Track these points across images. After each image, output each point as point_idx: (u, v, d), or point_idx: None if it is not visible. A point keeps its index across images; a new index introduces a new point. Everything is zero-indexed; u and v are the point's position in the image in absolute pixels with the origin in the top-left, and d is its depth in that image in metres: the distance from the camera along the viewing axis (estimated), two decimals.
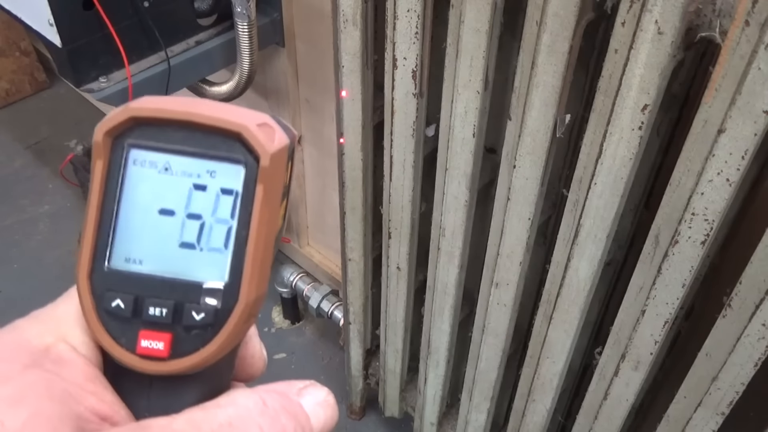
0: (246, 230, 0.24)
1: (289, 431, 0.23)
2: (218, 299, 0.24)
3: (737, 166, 0.56)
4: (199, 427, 0.22)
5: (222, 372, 0.26)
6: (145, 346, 0.24)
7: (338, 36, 0.82)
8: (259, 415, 0.23)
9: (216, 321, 0.24)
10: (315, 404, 0.25)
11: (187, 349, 0.24)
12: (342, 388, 1.42)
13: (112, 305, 0.24)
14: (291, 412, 0.24)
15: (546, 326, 0.84)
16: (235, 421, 0.22)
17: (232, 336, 0.24)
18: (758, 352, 0.64)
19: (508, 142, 0.74)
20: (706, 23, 0.54)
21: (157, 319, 0.24)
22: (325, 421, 0.25)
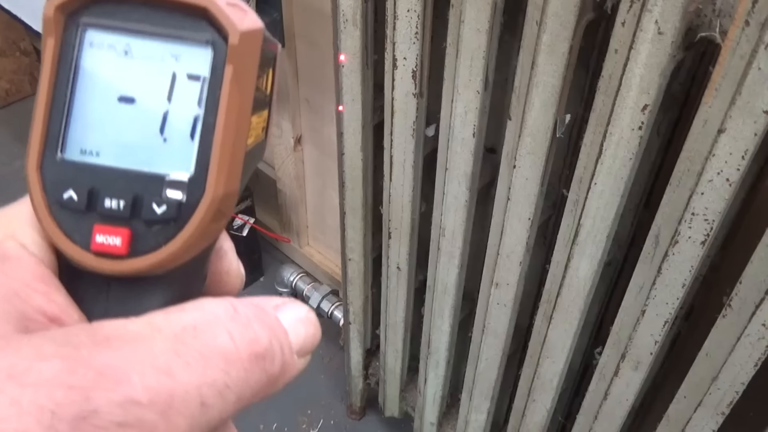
0: (213, 118, 0.21)
1: (262, 341, 0.21)
2: (182, 192, 0.21)
3: (737, 166, 0.56)
4: (158, 329, 0.20)
5: (189, 279, 0.23)
6: (101, 242, 0.21)
7: (338, 36, 0.82)
8: (228, 321, 0.20)
9: (179, 216, 0.21)
10: (295, 319, 0.23)
11: (147, 247, 0.21)
12: (342, 388, 1.42)
13: (64, 197, 0.22)
14: (266, 323, 0.21)
15: (546, 326, 0.84)
16: (201, 325, 0.20)
17: (197, 234, 0.22)
18: (758, 352, 0.64)
19: (508, 142, 0.74)
20: (706, 23, 0.54)
21: (114, 212, 0.21)
22: (305, 338, 0.23)
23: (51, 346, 0.18)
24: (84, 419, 0.17)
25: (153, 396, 0.18)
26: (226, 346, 0.20)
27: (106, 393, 0.18)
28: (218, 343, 0.20)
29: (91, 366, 0.18)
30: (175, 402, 0.19)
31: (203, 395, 0.19)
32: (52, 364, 0.18)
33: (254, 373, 0.20)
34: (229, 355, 0.20)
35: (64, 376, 0.18)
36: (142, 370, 0.18)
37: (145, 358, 0.19)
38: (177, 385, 0.19)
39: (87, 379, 0.18)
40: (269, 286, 1.55)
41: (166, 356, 0.19)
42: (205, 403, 0.19)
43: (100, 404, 0.17)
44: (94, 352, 0.18)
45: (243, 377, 0.20)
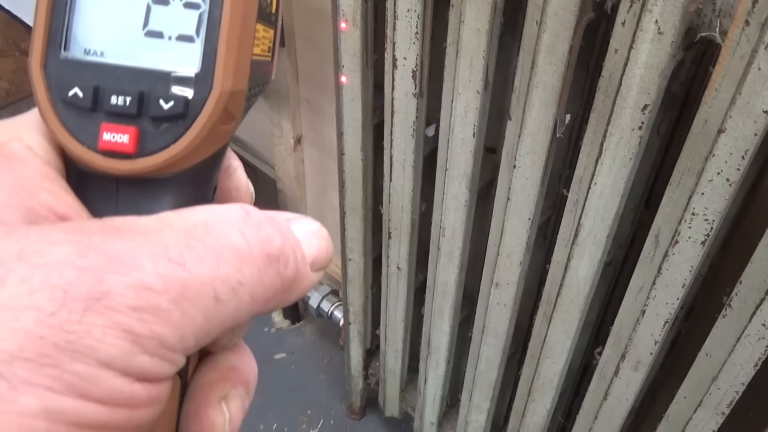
0: (219, 13, 0.21)
1: (275, 243, 0.20)
2: (189, 88, 0.21)
3: (737, 166, 0.56)
4: (170, 224, 0.19)
5: (199, 186, 0.23)
6: (108, 140, 0.21)
7: (338, 36, 0.82)
8: (240, 222, 0.20)
9: (187, 112, 0.21)
10: (307, 231, 0.22)
11: (155, 146, 0.21)
12: (342, 388, 1.42)
13: (69, 95, 0.21)
14: (278, 228, 0.21)
15: (546, 326, 0.84)
16: (213, 222, 0.20)
17: (205, 132, 0.21)
18: (758, 352, 0.64)
19: (508, 142, 0.74)
20: (706, 23, 0.54)
21: (121, 109, 0.21)
22: (318, 251, 0.22)
23: (60, 234, 0.18)
24: (97, 300, 0.17)
25: (166, 284, 0.18)
26: (239, 244, 0.20)
27: (118, 276, 0.17)
28: (231, 241, 0.19)
29: (102, 251, 0.18)
30: (188, 293, 0.18)
31: (217, 290, 0.19)
32: (63, 248, 0.17)
33: (268, 273, 0.20)
34: (242, 253, 0.20)
35: (75, 259, 0.17)
36: (155, 259, 0.18)
37: (157, 248, 0.18)
38: (190, 276, 0.18)
39: (98, 263, 0.17)
40: None
41: (178, 248, 0.19)
42: (218, 298, 0.19)
43: (112, 286, 0.17)
44: (105, 240, 0.18)
45: (257, 276, 0.20)
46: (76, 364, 0.17)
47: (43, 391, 0.16)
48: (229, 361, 0.24)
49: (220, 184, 0.25)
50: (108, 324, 0.17)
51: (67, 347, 0.17)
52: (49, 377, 0.16)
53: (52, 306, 0.17)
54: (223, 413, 0.23)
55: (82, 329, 0.17)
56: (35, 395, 0.16)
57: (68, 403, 0.17)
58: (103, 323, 0.17)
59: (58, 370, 0.17)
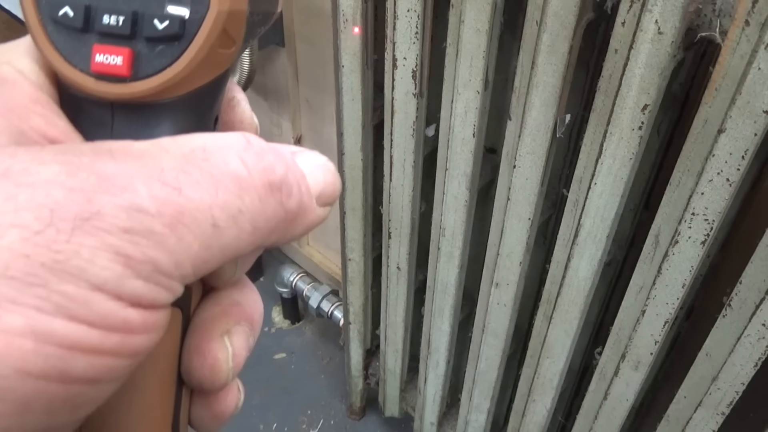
0: None
1: (278, 171, 0.19)
2: (185, 7, 0.20)
3: (737, 166, 0.56)
4: (166, 149, 0.18)
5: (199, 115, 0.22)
6: (101, 62, 0.20)
7: (338, 36, 0.82)
8: (241, 149, 0.19)
9: (183, 33, 0.20)
10: (313, 164, 0.21)
11: (150, 69, 0.20)
12: (342, 388, 1.42)
13: (59, 14, 0.20)
14: (281, 158, 0.20)
15: (546, 326, 0.84)
16: (211, 148, 0.19)
17: (202, 55, 0.20)
18: (758, 352, 0.64)
19: (508, 142, 0.74)
20: (706, 23, 0.54)
21: (114, 29, 0.20)
22: (324, 184, 0.21)
23: (49, 154, 0.17)
24: (86, 220, 0.16)
25: (160, 207, 0.17)
26: (239, 171, 0.19)
27: (109, 197, 0.17)
28: (230, 168, 0.19)
29: (93, 171, 0.17)
30: (184, 218, 0.17)
31: (215, 216, 0.18)
32: (51, 168, 0.17)
33: (269, 203, 0.19)
34: (242, 180, 0.19)
35: (64, 179, 0.16)
36: (149, 182, 0.17)
37: (151, 171, 0.17)
38: (186, 201, 0.17)
39: (88, 183, 0.17)
40: (269, 286, 1.55)
41: (174, 172, 0.18)
42: (217, 225, 0.18)
43: (103, 207, 0.16)
44: (96, 161, 0.17)
45: (258, 205, 0.19)
46: (65, 285, 0.16)
47: (30, 311, 0.16)
48: (233, 296, 0.23)
49: (223, 117, 0.24)
50: (98, 245, 0.16)
51: (54, 267, 0.16)
52: (36, 297, 0.16)
53: (38, 224, 0.16)
54: (226, 348, 0.22)
55: (70, 249, 0.16)
56: (21, 314, 0.16)
57: (57, 324, 0.16)
58: (93, 244, 0.16)
59: (45, 290, 0.16)
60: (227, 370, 0.22)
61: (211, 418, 0.24)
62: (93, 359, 0.17)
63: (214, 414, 0.24)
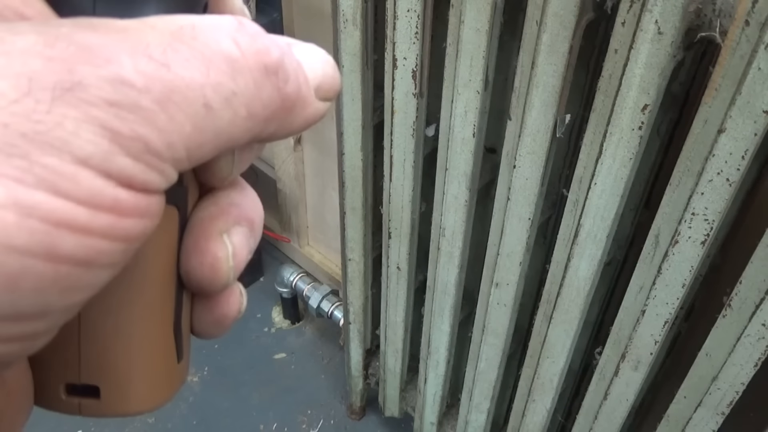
0: None
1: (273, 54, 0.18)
2: None
3: (737, 166, 0.56)
4: (152, 25, 0.17)
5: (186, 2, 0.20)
6: None
7: (338, 36, 0.82)
8: (233, 30, 0.18)
9: None
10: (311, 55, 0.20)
11: None
12: (342, 388, 1.42)
13: None
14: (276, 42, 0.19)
15: (546, 326, 0.84)
16: (201, 26, 0.17)
17: None
18: (758, 352, 0.64)
19: (508, 142, 0.74)
20: (706, 23, 0.54)
21: None
22: (324, 76, 0.20)
23: (26, 26, 0.16)
24: (68, 90, 0.15)
25: (148, 82, 0.16)
26: (231, 52, 0.17)
27: (92, 68, 0.15)
28: (222, 47, 0.17)
29: (73, 41, 0.16)
30: (174, 95, 0.16)
31: (207, 96, 0.17)
32: (28, 38, 0.15)
33: (265, 86, 0.18)
34: (235, 61, 0.17)
35: (42, 48, 0.15)
36: (135, 56, 0.16)
37: (137, 46, 0.16)
38: (175, 77, 0.16)
39: (69, 53, 0.15)
40: (269, 286, 1.55)
41: (161, 48, 0.16)
42: (209, 106, 0.17)
43: (85, 77, 0.15)
44: (76, 32, 0.16)
45: (252, 88, 0.18)
46: (48, 157, 0.15)
47: (10, 182, 0.15)
48: (231, 197, 0.22)
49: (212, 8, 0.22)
50: (82, 117, 0.15)
51: (36, 138, 0.15)
52: (17, 168, 0.15)
53: (15, 93, 0.15)
54: (225, 246, 0.21)
55: (51, 120, 0.15)
56: (2, 186, 0.15)
57: (41, 197, 0.15)
58: (76, 116, 0.15)
59: (27, 162, 0.15)
60: (228, 269, 0.21)
61: (213, 322, 0.23)
62: (82, 239, 0.16)
63: (216, 318, 0.23)
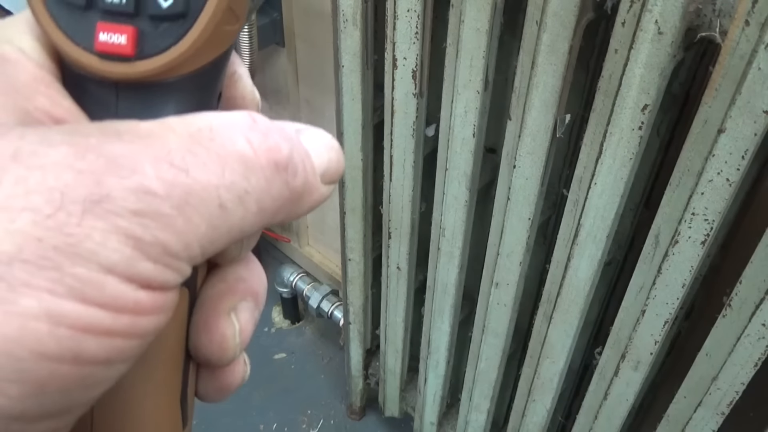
0: None
1: (283, 151, 0.19)
2: None
3: (737, 166, 0.56)
4: (172, 128, 0.18)
5: (203, 94, 0.22)
6: (104, 41, 0.19)
7: (338, 36, 0.82)
8: (247, 128, 0.19)
9: (188, 11, 0.19)
10: (318, 143, 0.21)
11: (155, 48, 0.19)
12: (342, 388, 1.42)
13: None
14: (286, 136, 0.20)
15: (546, 326, 0.84)
16: (217, 128, 0.18)
17: (207, 33, 0.20)
18: (758, 352, 0.64)
19: (508, 142, 0.74)
20: (706, 23, 0.54)
21: (117, 7, 0.19)
22: (329, 163, 0.21)
23: (57, 135, 0.17)
24: (97, 203, 0.16)
25: (169, 189, 0.17)
26: (245, 151, 0.19)
27: (118, 179, 0.17)
28: (236, 148, 0.18)
29: (101, 153, 0.17)
30: (192, 199, 0.17)
31: (222, 197, 0.18)
32: (60, 150, 0.17)
33: (275, 183, 0.19)
34: (249, 160, 0.19)
35: (72, 161, 0.16)
36: (157, 164, 0.17)
37: (159, 152, 0.17)
38: (193, 182, 0.17)
39: (97, 165, 0.17)
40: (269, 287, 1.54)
41: (180, 153, 0.18)
42: (224, 206, 0.18)
43: (112, 189, 0.17)
44: (104, 142, 0.17)
45: (264, 185, 0.19)
46: (78, 267, 0.16)
47: (44, 294, 0.16)
48: (238, 272, 0.23)
49: (225, 92, 0.24)
50: (109, 228, 0.16)
51: (67, 250, 0.16)
52: (49, 280, 0.16)
53: (49, 208, 0.16)
54: (233, 324, 0.22)
55: (81, 232, 0.16)
56: (36, 298, 0.16)
57: (70, 306, 0.16)
58: (104, 227, 0.16)
59: (58, 273, 0.16)
60: (234, 346, 0.22)
61: (217, 390, 0.25)
62: (105, 341, 0.17)
63: (221, 386, 0.24)
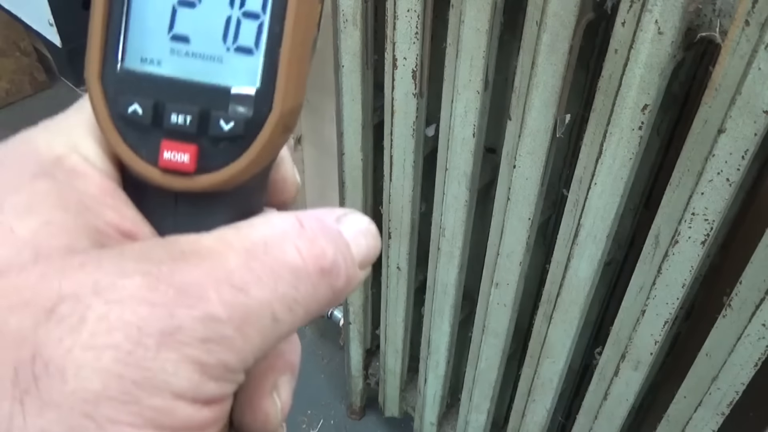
0: (280, 26, 0.20)
1: (328, 256, 0.21)
2: (249, 107, 0.21)
3: (737, 166, 0.56)
4: (230, 245, 0.20)
5: (254, 193, 0.23)
6: (168, 159, 0.21)
7: (338, 36, 0.82)
8: (296, 237, 0.21)
9: (247, 132, 0.21)
10: (356, 232, 0.23)
11: (215, 164, 0.21)
12: (342, 388, 1.42)
13: (128, 111, 0.21)
14: (330, 236, 0.21)
15: (546, 326, 0.84)
16: (270, 240, 0.20)
17: (265, 151, 0.21)
18: (758, 352, 0.64)
19: (508, 142, 0.74)
20: (706, 23, 0.54)
21: (181, 128, 0.21)
22: (367, 251, 0.23)
23: (130, 263, 0.19)
24: (170, 335, 0.18)
25: (230, 312, 0.19)
26: (295, 262, 0.20)
27: (188, 310, 0.18)
28: (288, 259, 0.20)
29: (171, 283, 0.18)
30: (250, 317, 0.19)
31: (275, 310, 0.20)
32: (134, 281, 0.18)
33: (321, 287, 0.21)
34: (298, 270, 0.20)
35: (146, 293, 0.18)
36: (219, 287, 0.19)
37: (220, 274, 0.19)
38: (251, 300, 0.19)
39: (168, 297, 0.18)
40: None
41: (240, 272, 0.19)
42: (276, 318, 0.20)
43: (183, 321, 0.18)
44: (172, 269, 0.19)
45: (311, 292, 0.20)
46: (154, 398, 0.18)
47: (126, 428, 0.18)
48: (278, 347, 0.24)
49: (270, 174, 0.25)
50: (180, 358, 0.18)
51: (144, 384, 0.18)
52: (130, 414, 0.18)
53: (128, 344, 0.18)
54: (275, 403, 0.24)
55: (157, 366, 0.18)
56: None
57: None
58: (176, 357, 0.18)
59: (138, 407, 0.18)
60: (277, 423, 0.24)
61: None
62: None
63: None
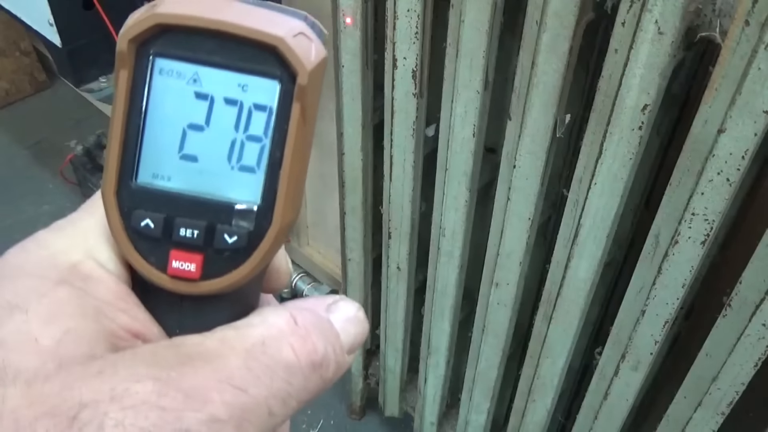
0: (281, 151, 0.23)
1: (319, 350, 0.23)
2: (251, 222, 0.23)
3: (737, 166, 0.56)
4: (232, 346, 0.22)
5: (252, 290, 0.25)
6: (177, 267, 0.23)
7: (338, 36, 0.82)
8: (290, 334, 0.23)
9: (248, 244, 0.23)
10: (345, 320, 0.25)
11: (218, 271, 0.23)
12: (342, 388, 1.42)
13: (141, 225, 0.23)
14: (321, 330, 0.24)
15: (546, 326, 0.84)
16: (268, 341, 0.22)
17: (264, 259, 0.24)
18: (758, 352, 0.64)
19: (508, 142, 0.74)
20: (706, 23, 0.54)
21: (189, 240, 0.23)
22: (354, 338, 0.25)
23: (142, 368, 0.21)
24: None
25: (231, 412, 0.21)
26: (290, 359, 0.22)
27: (194, 414, 0.20)
28: (283, 357, 0.22)
29: (179, 389, 0.20)
30: (248, 415, 0.21)
31: (270, 405, 0.22)
32: (146, 386, 0.20)
33: (312, 379, 0.23)
34: (292, 367, 0.22)
35: (156, 399, 0.20)
36: (221, 389, 0.21)
37: (222, 376, 0.21)
38: (249, 399, 0.21)
39: (177, 402, 0.20)
40: None
41: (240, 372, 0.21)
42: (272, 413, 0.22)
43: (190, 424, 0.20)
44: (180, 373, 0.21)
45: (303, 385, 0.23)
46: None
47: None
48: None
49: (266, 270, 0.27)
50: None
51: None
52: None
53: None
54: None
55: None
56: None
57: None
58: None
59: None
60: None
61: None
62: None
63: None
